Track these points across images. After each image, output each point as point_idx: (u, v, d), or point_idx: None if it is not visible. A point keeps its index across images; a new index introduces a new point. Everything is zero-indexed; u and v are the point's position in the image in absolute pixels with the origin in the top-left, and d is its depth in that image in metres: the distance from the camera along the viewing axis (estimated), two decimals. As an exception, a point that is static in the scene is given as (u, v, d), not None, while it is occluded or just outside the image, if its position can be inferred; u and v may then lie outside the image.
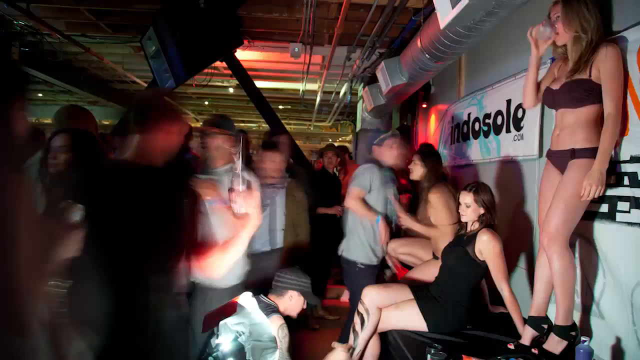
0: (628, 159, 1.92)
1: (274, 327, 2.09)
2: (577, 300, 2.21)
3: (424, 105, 5.03)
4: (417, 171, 2.99)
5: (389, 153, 3.04)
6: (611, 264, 2.02)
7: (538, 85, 2.21)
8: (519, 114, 2.88)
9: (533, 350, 2.10)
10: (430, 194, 2.83)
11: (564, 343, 2.00)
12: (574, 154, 1.96)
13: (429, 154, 3.02)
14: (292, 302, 2.33)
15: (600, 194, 1.87)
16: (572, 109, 1.97)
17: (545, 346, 2.05)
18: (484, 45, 3.30)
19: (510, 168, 2.97)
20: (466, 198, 2.46)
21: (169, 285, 1.41)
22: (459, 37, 2.72)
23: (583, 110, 1.94)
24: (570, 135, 1.99)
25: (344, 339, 2.60)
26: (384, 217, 2.92)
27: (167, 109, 1.50)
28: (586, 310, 2.17)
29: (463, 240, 2.48)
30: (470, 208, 2.43)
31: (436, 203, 2.80)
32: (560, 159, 2.04)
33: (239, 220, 1.55)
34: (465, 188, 2.50)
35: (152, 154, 1.44)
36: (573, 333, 2.02)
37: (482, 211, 2.41)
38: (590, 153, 1.90)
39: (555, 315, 2.03)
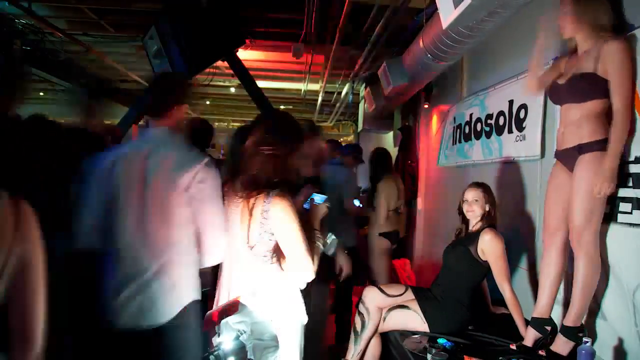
0: (633, 159, 1.91)
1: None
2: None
3: (426, 106, 5.01)
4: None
5: None
6: (613, 265, 2.01)
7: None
8: (521, 115, 2.88)
9: (540, 352, 2.08)
10: None
11: (571, 344, 1.98)
12: (580, 149, 1.92)
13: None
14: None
15: (612, 191, 1.83)
16: (577, 103, 1.94)
17: (552, 347, 2.04)
18: (486, 46, 3.30)
19: (512, 169, 2.97)
20: (474, 193, 2.44)
21: None
22: (461, 37, 2.72)
23: (588, 105, 1.90)
24: (576, 130, 1.95)
25: None
26: None
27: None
28: (589, 312, 2.16)
29: (465, 239, 2.47)
30: (478, 203, 2.42)
31: None
32: (568, 158, 2.01)
33: None
34: (471, 185, 2.50)
35: None
36: (581, 334, 1.99)
37: (487, 208, 2.41)
38: (598, 145, 1.86)
39: (566, 316, 2.01)
